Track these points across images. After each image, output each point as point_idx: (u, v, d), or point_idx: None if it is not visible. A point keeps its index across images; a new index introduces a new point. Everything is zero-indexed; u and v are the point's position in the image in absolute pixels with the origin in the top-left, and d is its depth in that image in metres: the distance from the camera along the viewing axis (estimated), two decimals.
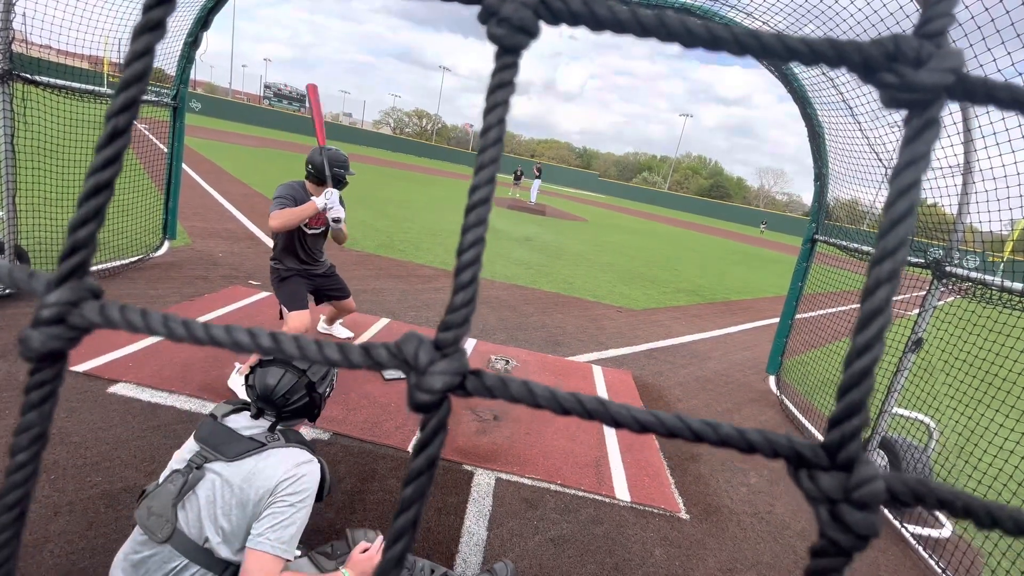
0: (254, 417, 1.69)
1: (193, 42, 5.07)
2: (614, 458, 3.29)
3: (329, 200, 3.23)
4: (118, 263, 4.85)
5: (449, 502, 2.61)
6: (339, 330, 4.35)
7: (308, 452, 1.65)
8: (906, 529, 3.09)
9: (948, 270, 3.11)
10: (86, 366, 3.12)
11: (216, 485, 1.51)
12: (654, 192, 59.39)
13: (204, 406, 2.99)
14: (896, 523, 3.15)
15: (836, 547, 0.24)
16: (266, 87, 65.89)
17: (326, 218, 3.36)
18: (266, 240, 6.98)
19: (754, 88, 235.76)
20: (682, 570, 2.48)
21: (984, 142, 3.00)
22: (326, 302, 3.81)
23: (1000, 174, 2.81)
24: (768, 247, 26.66)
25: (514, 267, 8.52)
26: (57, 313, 0.27)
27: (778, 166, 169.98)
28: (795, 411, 4.54)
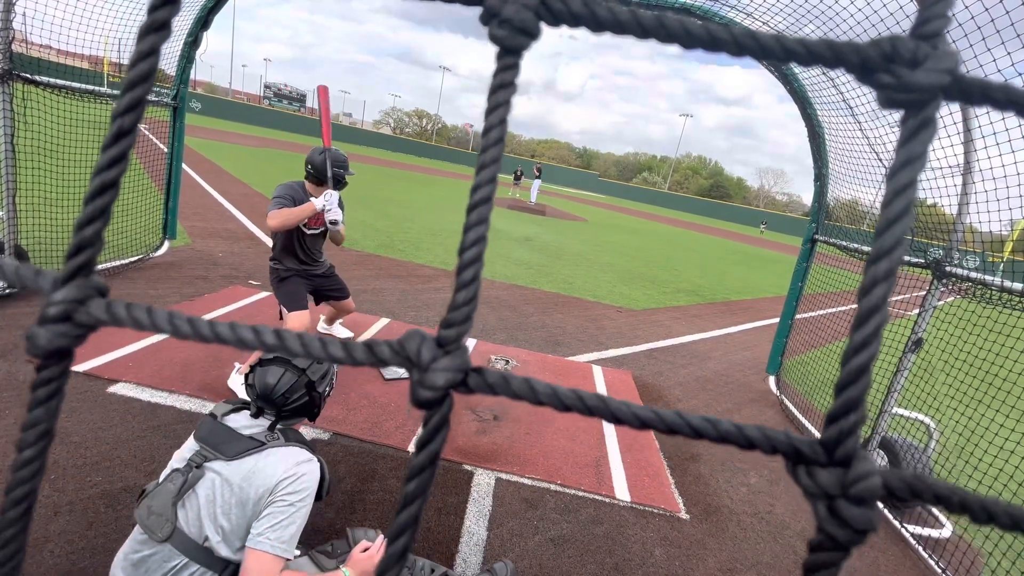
0: (254, 416, 1.70)
1: (193, 42, 5.08)
2: (614, 458, 3.30)
3: (328, 202, 3.23)
4: (118, 263, 4.85)
5: (449, 502, 2.61)
6: (339, 330, 4.36)
7: (308, 451, 1.66)
8: (906, 529, 3.09)
9: (948, 270, 3.12)
10: (86, 366, 3.12)
11: (216, 484, 1.51)
12: (654, 192, 59.40)
13: (204, 406, 2.99)
14: (896, 523, 3.15)
15: (834, 542, 0.24)
16: (266, 87, 65.81)
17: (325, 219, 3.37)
18: (266, 240, 6.98)
19: (754, 88, 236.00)
20: (682, 570, 2.49)
21: (984, 142, 3.01)
22: (325, 302, 3.82)
23: (1000, 174, 2.81)
24: (768, 247, 26.66)
25: (514, 267, 8.52)
26: (64, 311, 0.27)
27: (778, 166, 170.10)
28: (795, 411, 4.54)
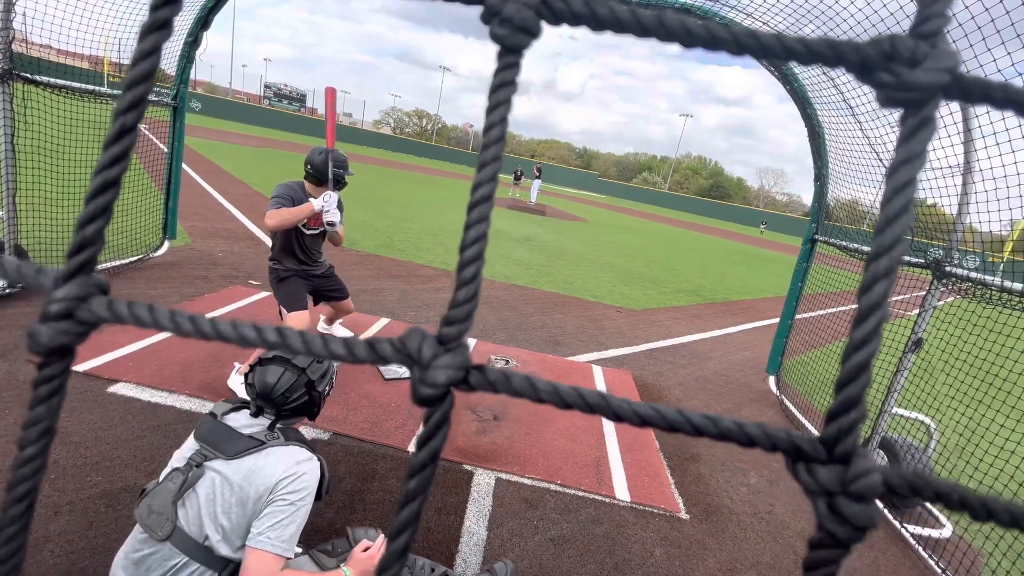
0: (253, 415, 1.70)
1: (193, 42, 5.08)
2: (614, 458, 3.30)
3: (327, 202, 3.22)
4: (118, 263, 4.85)
5: (449, 502, 2.61)
6: (339, 330, 4.36)
7: (308, 450, 1.66)
8: (906, 529, 3.09)
9: (948, 270, 3.12)
10: (86, 366, 3.12)
11: (216, 483, 1.51)
12: (654, 192, 59.41)
13: (204, 406, 2.99)
14: (896, 523, 3.15)
15: (834, 539, 0.24)
16: (266, 87, 65.83)
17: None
18: (266, 240, 6.98)
19: (754, 88, 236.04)
20: (682, 570, 2.49)
21: (984, 142, 3.01)
22: (325, 302, 3.82)
23: (1000, 174, 2.81)
24: (768, 247, 26.67)
25: (514, 267, 8.52)
26: (65, 308, 0.27)
27: (778, 166, 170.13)
28: (795, 411, 4.54)
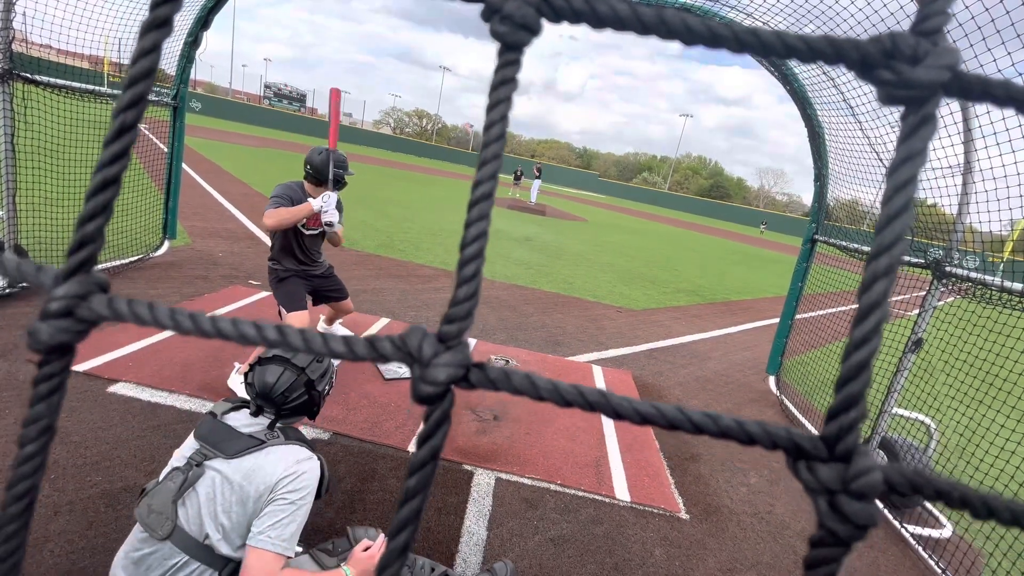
0: (253, 415, 1.70)
1: (193, 42, 5.08)
2: (614, 458, 3.29)
3: (325, 202, 3.22)
4: (118, 263, 4.85)
5: (449, 502, 2.61)
6: (339, 330, 4.36)
7: (307, 449, 1.66)
8: (906, 529, 3.09)
9: (948, 270, 3.12)
10: (86, 366, 3.12)
11: (216, 482, 1.51)
12: (654, 192, 59.41)
13: (204, 405, 2.99)
14: (896, 523, 3.15)
15: (835, 537, 0.24)
16: (266, 87, 65.84)
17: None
18: (266, 240, 6.98)
19: (754, 88, 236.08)
20: (682, 570, 2.49)
21: (984, 142, 3.00)
22: (324, 303, 3.81)
23: (1000, 174, 2.81)
24: (768, 247, 26.66)
25: (514, 267, 8.52)
26: (65, 306, 0.27)
27: (778, 166, 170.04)
28: (795, 411, 4.54)
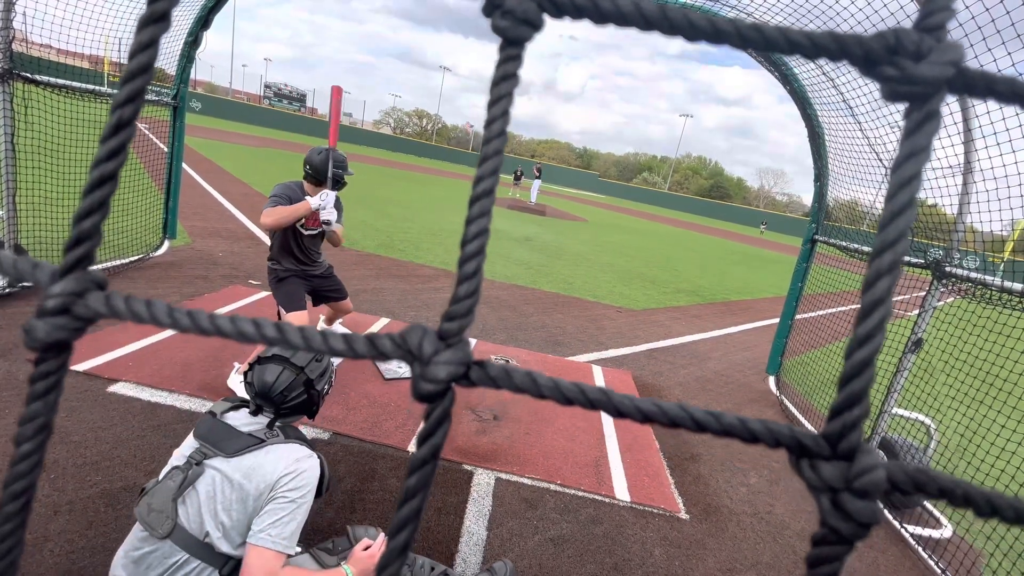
0: (253, 414, 1.70)
1: (193, 41, 5.08)
2: (614, 458, 3.29)
3: (324, 201, 3.21)
4: (118, 262, 4.85)
5: (449, 502, 2.61)
6: (339, 330, 4.35)
7: (307, 448, 1.66)
8: (906, 529, 3.08)
9: (948, 270, 3.12)
10: (86, 365, 3.12)
11: (216, 481, 1.51)
12: (654, 192, 59.41)
13: (204, 405, 2.99)
14: (896, 523, 3.15)
15: (837, 535, 0.24)
16: (266, 87, 65.86)
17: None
18: (266, 240, 6.98)
19: (754, 89, 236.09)
20: (682, 570, 2.48)
21: (984, 142, 3.00)
22: (324, 303, 3.81)
23: (1001, 174, 2.81)
24: (768, 247, 26.67)
25: (514, 267, 8.52)
26: (62, 303, 0.27)
27: (778, 167, 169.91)
28: (795, 411, 4.54)
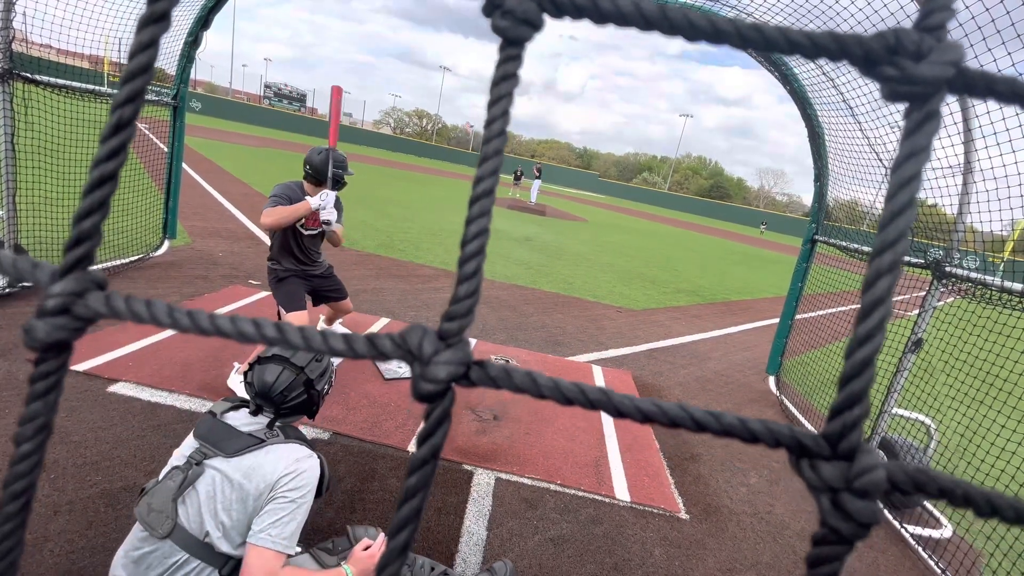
0: (253, 414, 1.70)
1: (193, 41, 5.08)
2: (614, 458, 3.29)
3: (323, 201, 3.21)
4: (118, 262, 4.85)
5: (449, 502, 2.61)
6: (339, 330, 4.35)
7: (307, 448, 1.66)
8: (905, 529, 3.08)
9: (948, 270, 3.12)
10: (86, 365, 3.12)
11: (216, 481, 1.51)
12: (654, 192, 59.40)
13: (204, 405, 2.99)
14: (896, 523, 3.15)
15: (837, 535, 0.24)
16: (266, 87, 65.86)
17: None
18: (266, 240, 6.97)
19: (754, 89, 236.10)
20: (682, 570, 2.48)
21: (984, 142, 3.00)
22: (323, 303, 3.81)
23: (1001, 174, 2.81)
24: (768, 247, 26.66)
25: (514, 267, 8.52)
26: (62, 303, 0.27)
27: (778, 167, 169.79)
28: (795, 411, 4.54)
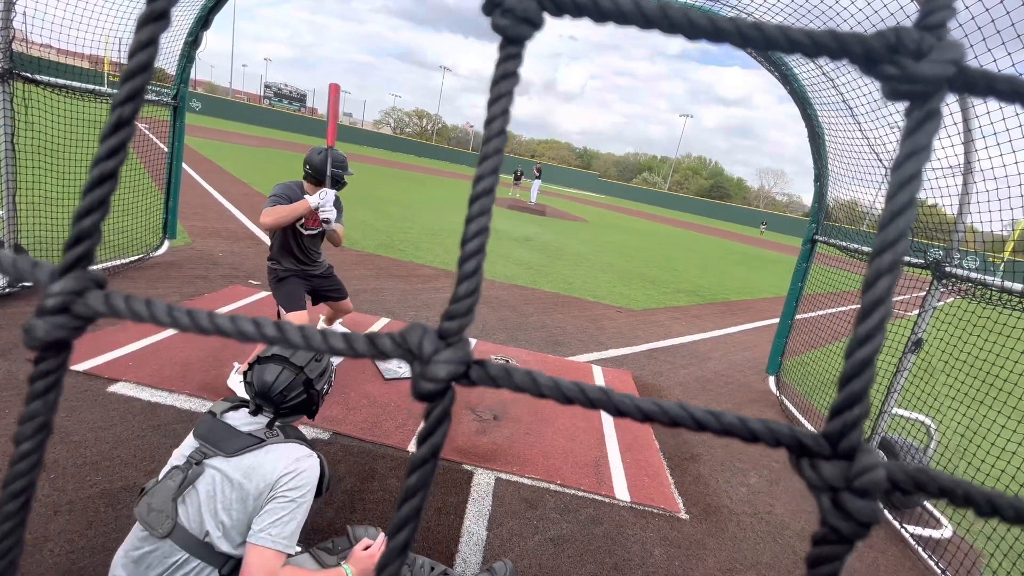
0: (252, 414, 1.70)
1: (193, 41, 5.08)
2: (614, 458, 3.29)
3: (323, 200, 3.21)
4: (118, 262, 4.85)
5: (449, 502, 2.61)
6: (339, 329, 4.35)
7: (307, 447, 1.66)
8: (905, 529, 3.08)
9: (948, 271, 3.12)
10: (86, 365, 3.12)
11: (216, 480, 1.51)
12: (654, 192, 59.40)
13: (204, 405, 2.99)
14: (896, 523, 3.15)
15: (838, 535, 0.24)
16: (266, 87, 65.89)
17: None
18: (266, 240, 6.97)
19: (754, 89, 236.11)
20: (682, 570, 2.48)
21: (984, 142, 3.00)
22: (323, 303, 3.81)
23: (1001, 174, 2.81)
24: (768, 247, 26.66)
25: (514, 267, 8.52)
26: (61, 302, 0.27)
27: (778, 167, 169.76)
28: (795, 411, 4.54)
